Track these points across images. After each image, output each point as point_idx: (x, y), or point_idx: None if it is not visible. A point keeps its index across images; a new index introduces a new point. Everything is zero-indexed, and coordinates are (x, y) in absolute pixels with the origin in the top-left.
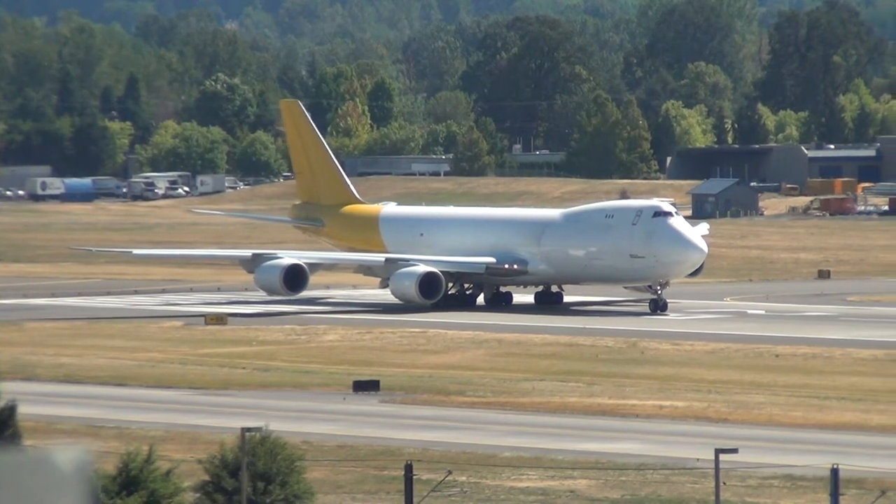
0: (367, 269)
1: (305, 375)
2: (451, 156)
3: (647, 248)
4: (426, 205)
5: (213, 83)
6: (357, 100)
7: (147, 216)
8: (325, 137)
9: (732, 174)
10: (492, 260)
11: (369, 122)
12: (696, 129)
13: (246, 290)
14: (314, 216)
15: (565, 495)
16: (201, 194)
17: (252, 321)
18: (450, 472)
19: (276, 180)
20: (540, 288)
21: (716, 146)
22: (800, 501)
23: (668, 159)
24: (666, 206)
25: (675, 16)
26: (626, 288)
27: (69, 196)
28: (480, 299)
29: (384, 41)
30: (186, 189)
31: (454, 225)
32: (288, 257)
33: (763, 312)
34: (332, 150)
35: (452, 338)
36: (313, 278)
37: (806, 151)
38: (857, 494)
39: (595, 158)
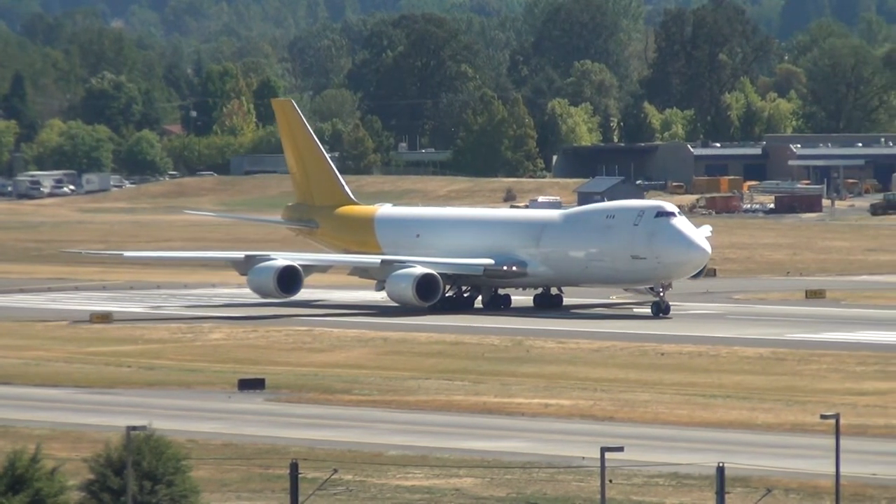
0: (362, 271)
1: (191, 374)
2: (336, 154)
3: (649, 249)
4: (422, 205)
5: (98, 81)
6: (243, 98)
7: (33, 215)
8: (210, 136)
9: (618, 172)
10: (490, 261)
11: (255, 120)
12: (581, 127)
13: (132, 288)
14: (308, 217)
15: (451, 494)
16: (87, 192)
17: (138, 320)
18: (336, 471)
19: (161, 179)
20: (539, 290)
21: (602, 144)
22: (686, 500)
23: (554, 157)
24: (669, 205)
25: (561, 14)
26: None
27: None
28: (478, 302)
29: (270, 39)
30: (72, 187)
31: (451, 226)
32: (282, 259)
33: (649, 311)
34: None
35: (338, 336)
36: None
37: (692, 150)
38: (743, 492)
39: (481, 157)
